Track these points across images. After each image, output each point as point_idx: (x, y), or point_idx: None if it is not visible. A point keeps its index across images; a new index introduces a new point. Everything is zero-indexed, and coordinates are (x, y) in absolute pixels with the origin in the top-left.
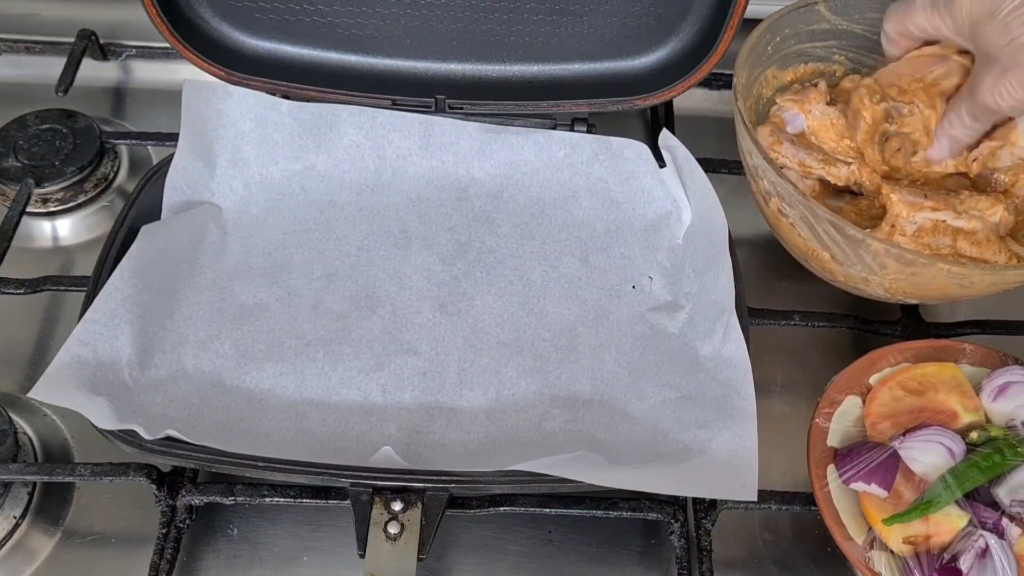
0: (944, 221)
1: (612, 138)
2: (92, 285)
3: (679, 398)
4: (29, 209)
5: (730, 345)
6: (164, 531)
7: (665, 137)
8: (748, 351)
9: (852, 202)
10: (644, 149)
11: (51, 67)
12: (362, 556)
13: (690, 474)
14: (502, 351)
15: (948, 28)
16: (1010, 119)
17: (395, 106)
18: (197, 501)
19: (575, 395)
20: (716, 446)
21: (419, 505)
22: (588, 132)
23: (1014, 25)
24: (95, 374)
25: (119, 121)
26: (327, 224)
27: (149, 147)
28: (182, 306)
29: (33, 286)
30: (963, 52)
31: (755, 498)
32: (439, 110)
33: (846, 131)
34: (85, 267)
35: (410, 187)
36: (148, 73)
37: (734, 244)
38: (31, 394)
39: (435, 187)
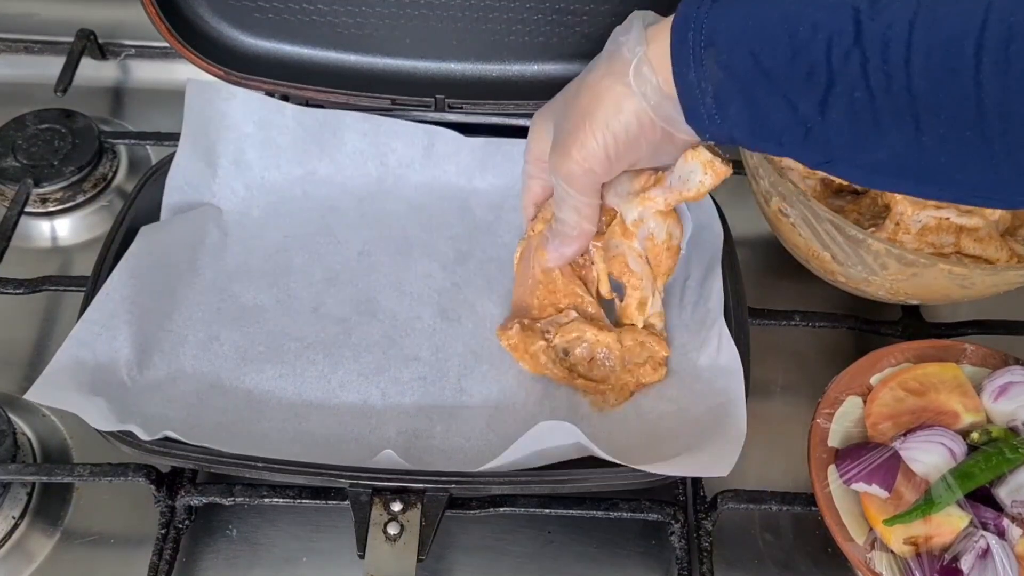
0: (948, 219)
1: None
2: (91, 285)
3: (676, 410)
4: (28, 209)
5: (724, 354)
6: (163, 531)
7: None
8: (748, 351)
9: (854, 201)
10: None
11: (50, 67)
12: (362, 557)
13: (676, 463)
14: (502, 358)
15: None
16: None
17: (395, 105)
18: (196, 502)
19: (575, 404)
20: (707, 446)
21: (419, 506)
22: None
23: None
24: (93, 375)
25: (118, 121)
26: (328, 229)
27: (148, 147)
28: (181, 307)
29: (32, 286)
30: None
31: (726, 474)
32: (439, 110)
33: None
34: (84, 267)
35: (412, 195)
36: (147, 73)
37: (734, 244)
38: (28, 395)
39: (437, 196)
